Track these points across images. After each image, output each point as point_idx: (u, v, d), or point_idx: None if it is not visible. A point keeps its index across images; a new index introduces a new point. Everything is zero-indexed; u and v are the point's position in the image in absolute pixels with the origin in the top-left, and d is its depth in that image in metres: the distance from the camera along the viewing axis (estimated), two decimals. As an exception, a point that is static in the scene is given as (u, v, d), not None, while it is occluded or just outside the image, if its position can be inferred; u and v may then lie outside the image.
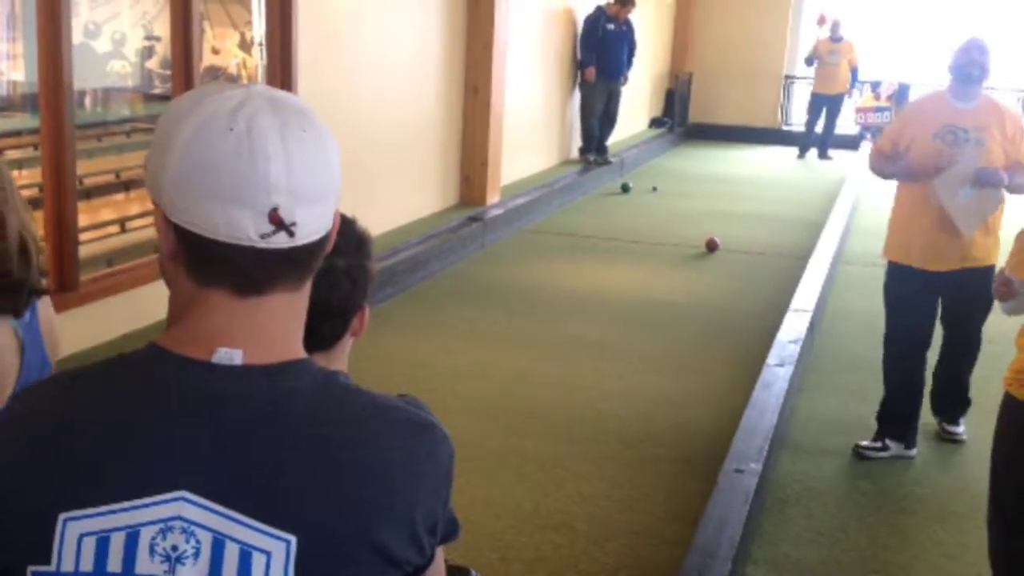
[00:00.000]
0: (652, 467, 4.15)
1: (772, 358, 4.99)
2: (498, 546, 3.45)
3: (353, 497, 1.00)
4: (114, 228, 7.10)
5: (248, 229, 0.99)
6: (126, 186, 8.53)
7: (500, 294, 6.63)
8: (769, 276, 7.34)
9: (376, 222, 6.88)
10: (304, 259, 1.04)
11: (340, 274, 1.38)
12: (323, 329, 1.38)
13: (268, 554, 0.98)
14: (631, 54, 11.05)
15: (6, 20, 9.64)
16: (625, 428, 4.52)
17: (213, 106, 1.00)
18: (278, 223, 0.99)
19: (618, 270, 7.43)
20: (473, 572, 1.85)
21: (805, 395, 4.99)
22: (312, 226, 1.02)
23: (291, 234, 1.00)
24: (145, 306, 4.88)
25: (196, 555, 0.98)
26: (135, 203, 8.11)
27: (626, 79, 11.13)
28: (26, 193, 3.49)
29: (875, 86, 13.91)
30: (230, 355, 1.02)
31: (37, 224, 1.70)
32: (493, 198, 8.44)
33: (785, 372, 4.79)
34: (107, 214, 7.29)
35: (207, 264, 1.02)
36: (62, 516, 0.99)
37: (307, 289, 1.08)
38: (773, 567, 3.44)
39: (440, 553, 1.27)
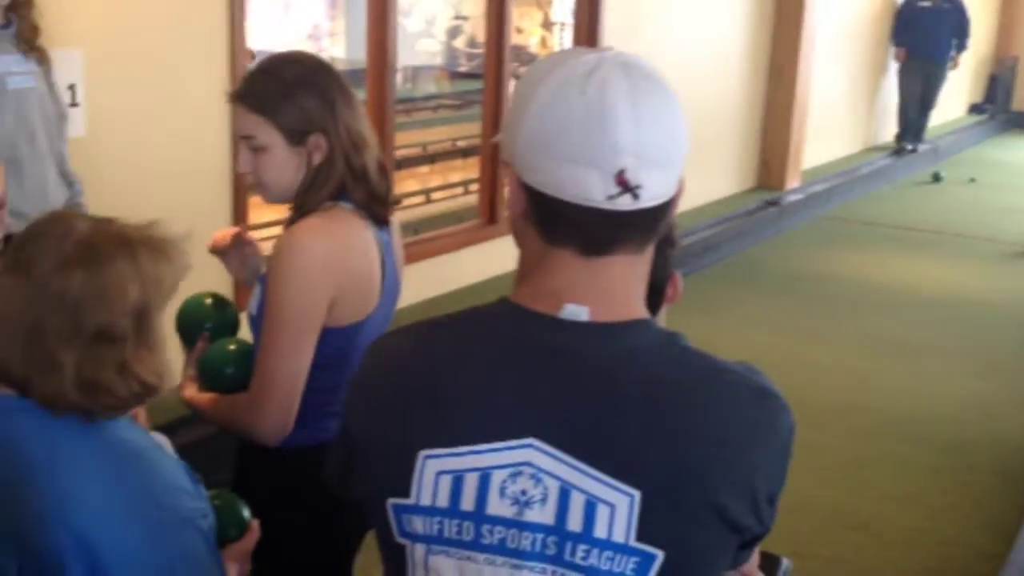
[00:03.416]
0: (963, 476, 3.86)
1: (1110, 369, 4.50)
2: (794, 542, 3.32)
3: (695, 457, 1.00)
4: (418, 199, 7.49)
5: (595, 190, 1.01)
6: (431, 159, 8.96)
7: (795, 282, 6.39)
8: (1104, 279, 6.63)
9: (674, 201, 6.84)
10: (647, 222, 1.06)
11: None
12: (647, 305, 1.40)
13: (612, 506, 0.99)
14: (960, 35, 10.22)
15: (329, 0, 10.34)
16: (934, 433, 4.22)
17: (568, 70, 1.03)
18: (624, 185, 1.01)
19: (926, 264, 6.96)
20: (784, 560, 1.80)
21: None
22: (656, 190, 1.03)
23: (636, 196, 1.01)
24: (448, 273, 5.09)
25: (543, 501, 1.00)
26: (438, 175, 8.51)
27: (955, 63, 10.31)
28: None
29: None
30: (577, 311, 1.05)
31: None
32: (792, 183, 8.16)
33: (1126, 386, 4.31)
34: (411, 185, 7.68)
35: (555, 224, 1.05)
36: (422, 454, 1.04)
37: (650, 252, 1.10)
38: (1105, 599, 3.10)
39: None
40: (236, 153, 1.80)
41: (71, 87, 3.29)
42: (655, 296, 1.50)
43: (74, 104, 3.31)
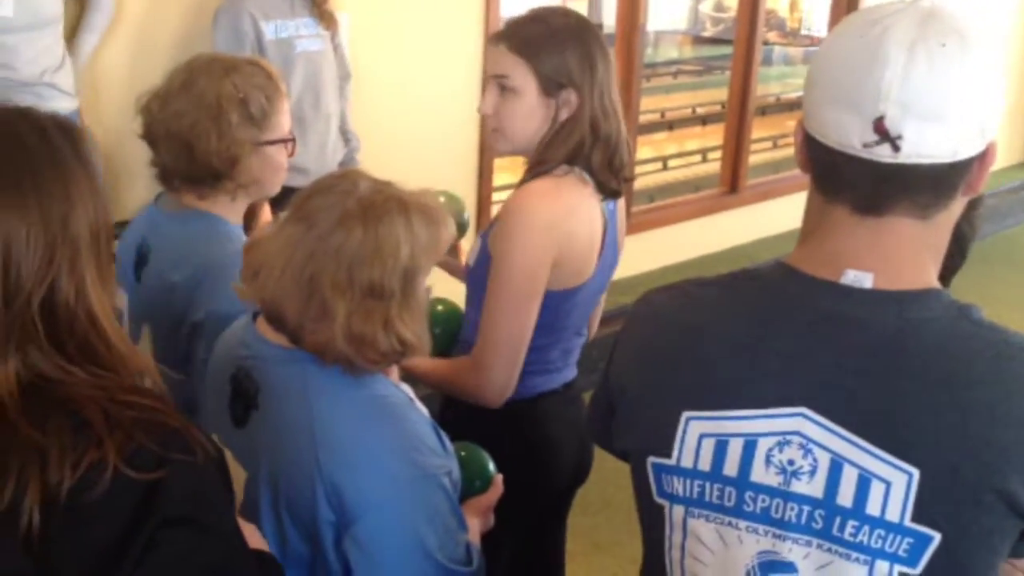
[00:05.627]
0: None
1: None
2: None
3: (983, 438, 0.93)
4: (654, 165, 7.42)
5: (853, 135, 0.96)
6: (669, 126, 8.84)
7: (1064, 266, 5.93)
8: None
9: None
10: (920, 182, 0.98)
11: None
12: None
13: (888, 484, 0.95)
14: None
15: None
16: None
17: (865, 14, 0.99)
18: (882, 133, 0.95)
19: None
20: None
21: None
22: (925, 146, 0.95)
23: (896, 148, 0.95)
24: (683, 243, 5.02)
25: (812, 473, 0.97)
26: (674, 142, 8.39)
27: None
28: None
29: None
30: (859, 278, 1.00)
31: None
32: (1064, 159, 7.53)
33: None
34: (648, 152, 7.62)
35: (825, 175, 1.02)
36: (685, 414, 1.02)
37: (944, 222, 1.02)
38: None
39: None
40: (484, 93, 1.80)
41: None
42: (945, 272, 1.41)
43: (338, 64, 3.47)
